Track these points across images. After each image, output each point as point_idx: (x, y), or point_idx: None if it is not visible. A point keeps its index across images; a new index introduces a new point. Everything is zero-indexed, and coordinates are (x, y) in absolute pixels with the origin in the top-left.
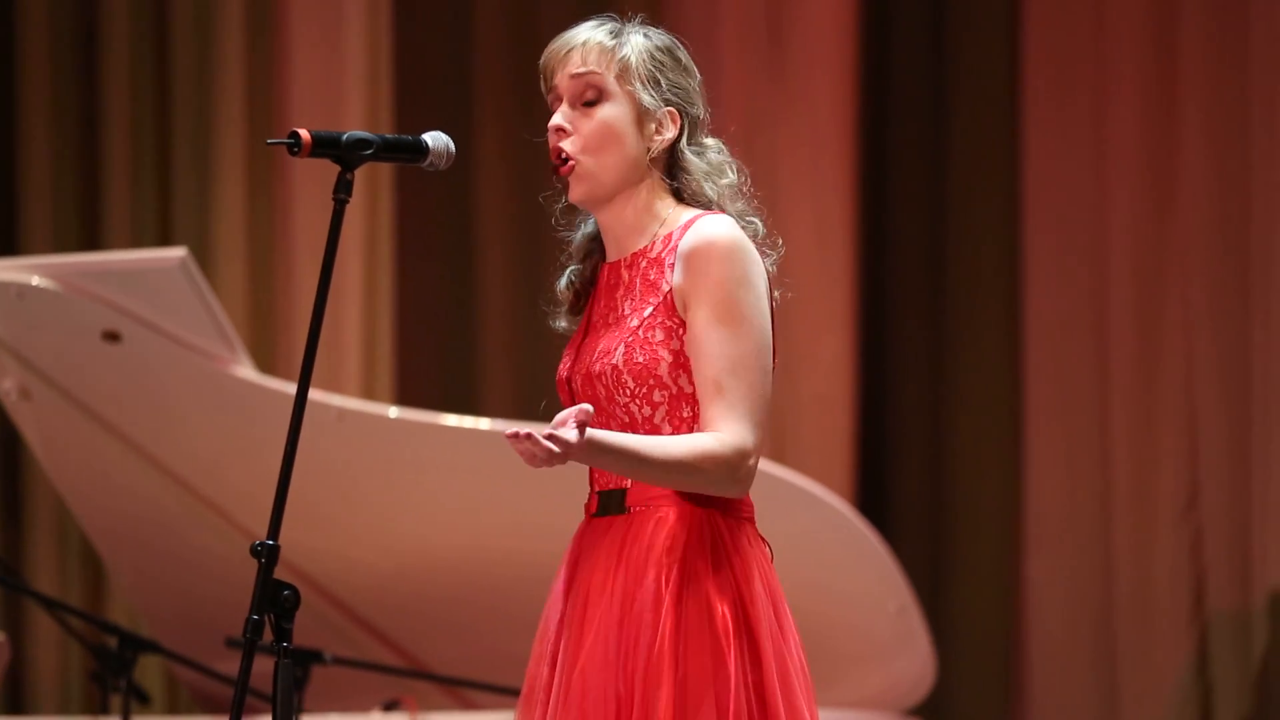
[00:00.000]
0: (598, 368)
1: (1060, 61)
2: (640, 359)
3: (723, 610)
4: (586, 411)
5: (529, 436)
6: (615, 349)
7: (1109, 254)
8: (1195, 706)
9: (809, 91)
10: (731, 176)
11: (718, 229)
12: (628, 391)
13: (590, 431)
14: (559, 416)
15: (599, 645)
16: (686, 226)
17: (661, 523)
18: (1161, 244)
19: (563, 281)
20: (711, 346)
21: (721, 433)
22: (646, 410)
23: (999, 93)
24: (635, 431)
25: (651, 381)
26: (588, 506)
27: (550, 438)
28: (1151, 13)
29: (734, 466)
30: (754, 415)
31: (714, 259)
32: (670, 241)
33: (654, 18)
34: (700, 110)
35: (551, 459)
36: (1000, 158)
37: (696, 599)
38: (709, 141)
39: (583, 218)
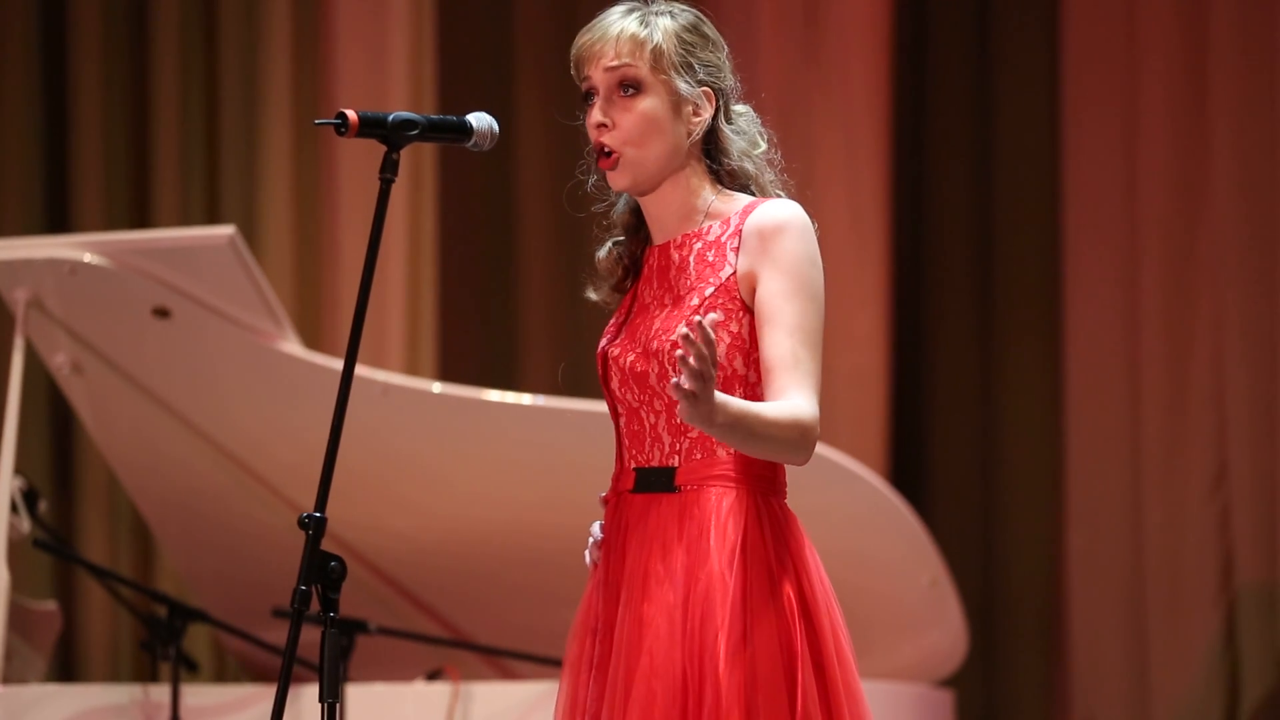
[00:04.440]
0: (655, 345)
1: (1097, 42)
2: None
3: (786, 588)
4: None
5: (702, 330)
6: (675, 328)
7: (1141, 240)
8: (1224, 677)
9: (845, 70)
10: (762, 145)
11: (789, 210)
12: None
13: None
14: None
15: (664, 624)
16: (747, 211)
17: (718, 502)
18: (1192, 231)
19: (603, 250)
20: (788, 318)
21: (797, 401)
22: None
23: (1037, 67)
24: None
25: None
26: (619, 484)
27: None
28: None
29: (807, 436)
30: (818, 389)
31: (788, 236)
32: (730, 226)
33: (693, 1)
34: (731, 80)
35: (698, 393)
36: (1038, 133)
37: (760, 577)
38: (739, 109)
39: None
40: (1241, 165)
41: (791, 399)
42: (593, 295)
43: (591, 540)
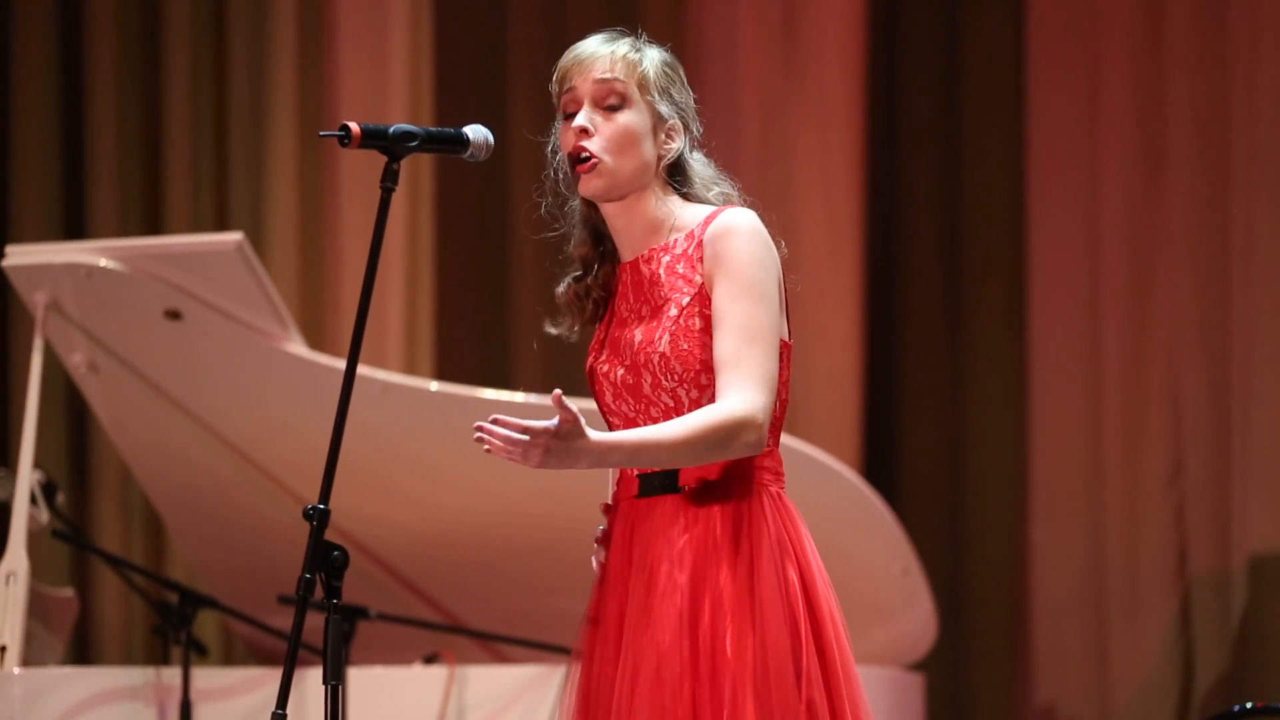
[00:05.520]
0: (642, 357)
1: (1061, 47)
2: (685, 346)
3: (790, 573)
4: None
5: (501, 423)
6: (660, 338)
7: (1103, 244)
8: (1178, 663)
9: (820, 78)
10: (724, 186)
11: (740, 216)
12: (675, 377)
13: (592, 434)
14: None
15: (671, 613)
16: (709, 220)
17: (722, 493)
18: (1152, 232)
19: (561, 286)
20: (733, 319)
21: (729, 399)
22: (694, 394)
23: (1005, 74)
24: (679, 416)
25: (698, 367)
26: (625, 489)
27: (529, 431)
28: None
29: (740, 430)
30: (765, 381)
31: (735, 241)
32: (695, 237)
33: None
34: (696, 128)
35: (525, 455)
36: (1006, 140)
37: (766, 563)
38: (699, 157)
39: (568, 224)
40: (1198, 166)
41: (727, 397)
42: (551, 329)
43: (597, 546)
